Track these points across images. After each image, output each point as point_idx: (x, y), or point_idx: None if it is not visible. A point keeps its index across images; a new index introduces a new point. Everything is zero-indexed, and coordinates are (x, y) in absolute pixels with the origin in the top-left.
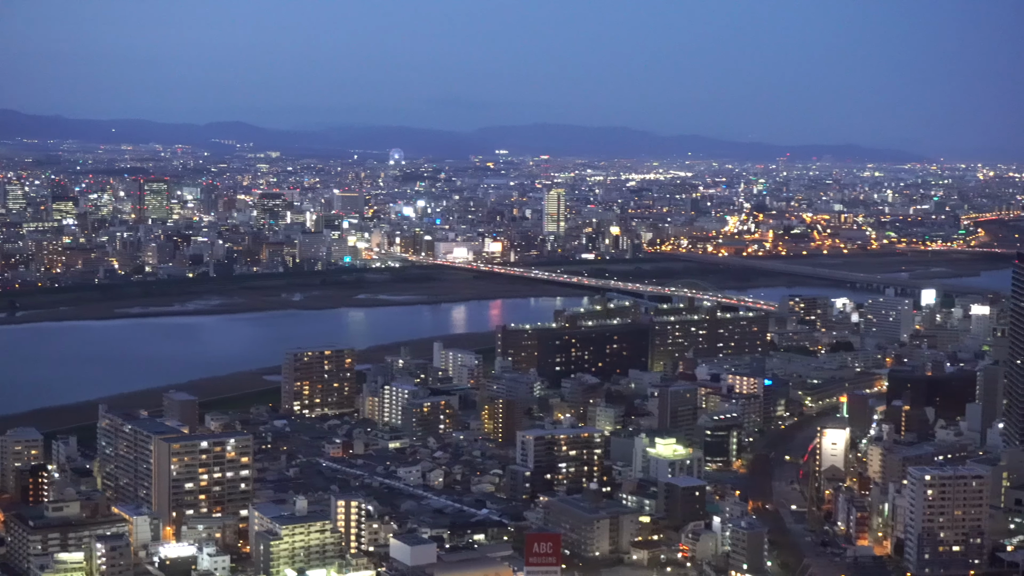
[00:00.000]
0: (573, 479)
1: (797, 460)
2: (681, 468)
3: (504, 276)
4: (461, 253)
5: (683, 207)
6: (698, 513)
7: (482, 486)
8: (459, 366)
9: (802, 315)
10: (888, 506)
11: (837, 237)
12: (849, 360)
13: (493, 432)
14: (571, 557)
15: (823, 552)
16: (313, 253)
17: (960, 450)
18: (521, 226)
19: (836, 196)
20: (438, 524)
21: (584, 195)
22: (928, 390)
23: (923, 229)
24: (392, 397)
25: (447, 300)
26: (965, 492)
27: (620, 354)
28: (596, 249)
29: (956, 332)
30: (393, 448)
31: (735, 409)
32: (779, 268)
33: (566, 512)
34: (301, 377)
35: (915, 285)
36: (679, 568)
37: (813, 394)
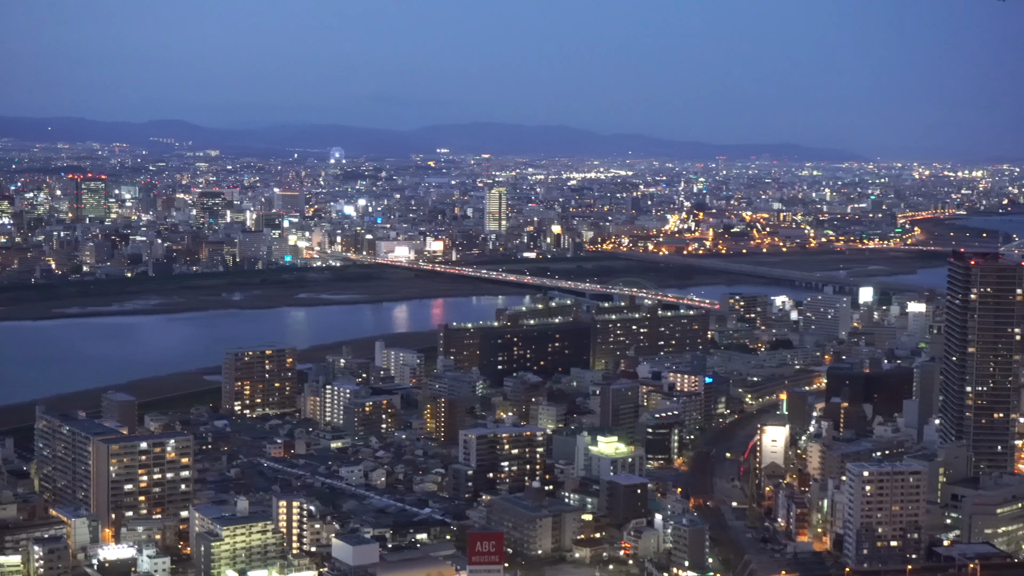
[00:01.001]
0: (515, 478)
1: (738, 457)
2: (623, 466)
3: (446, 275)
4: (402, 252)
5: (624, 206)
6: (640, 511)
7: (424, 485)
8: (401, 365)
9: (742, 313)
10: (827, 502)
11: (776, 235)
12: (788, 358)
13: (435, 431)
14: (514, 556)
15: (763, 548)
16: (253, 252)
17: (897, 446)
18: (462, 225)
19: (775, 195)
20: (380, 524)
21: (525, 194)
22: (866, 387)
23: (861, 227)
24: (334, 397)
25: (388, 299)
26: (902, 488)
27: (562, 353)
28: (538, 248)
29: (893, 329)
30: (335, 448)
31: (676, 407)
32: (719, 266)
33: (509, 511)
34: (242, 377)
35: (853, 283)
36: (621, 566)
37: (753, 391)
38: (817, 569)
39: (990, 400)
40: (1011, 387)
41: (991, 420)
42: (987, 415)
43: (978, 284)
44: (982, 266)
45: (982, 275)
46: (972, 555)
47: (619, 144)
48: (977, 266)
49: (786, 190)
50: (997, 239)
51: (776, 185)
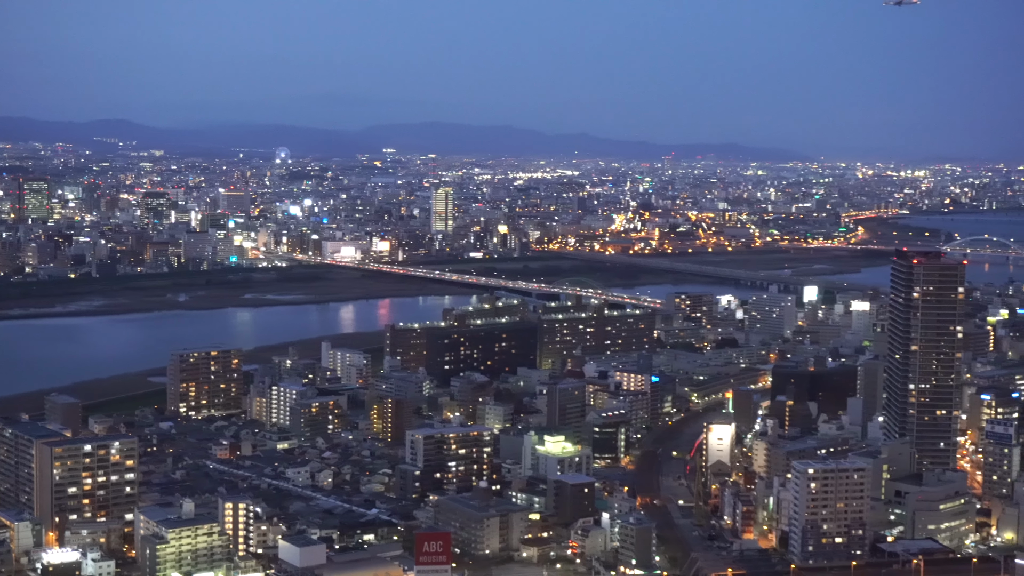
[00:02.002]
0: (463, 478)
1: (684, 455)
2: (570, 465)
3: (392, 275)
4: (349, 252)
5: (570, 206)
6: (587, 510)
7: (371, 486)
8: (347, 366)
9: (688, 312)
10: (773, 499)
11: (722, 235)
12: (734, 356)
13: (382, 432)
14: (461, 555)
15: (710, 546)
16: (198, 253)
17: (842, 443)
18: (409, 225)
19: (720, 194)
20: (327, 525)
21: (472, 194)
22: (811, 385)
23: (805, 227)
24: (280, 397)
25: (335, 299)
26: (847, 485)
27: (509, 352)
28: (484, 248)
29: (837, 328)
30: (281, 449)
31: (623, 406)
32: (665, 266)
33: (456, 511)
34: (187, 378)
35: (797, 282)
36: (569, 564)
37: (699, 390)
38: (763, 566)
39: (933, 397)
40: (953, 384)
41: (934, 417)
42: (930, 412)
43: (921, 283)
44: (925, 265)
45: (925, 274)
46: (916, 551)
47: (565, 144)
48: (920, 265)
49: (731, 190)
50: (939, 238)
51: (721, 185)
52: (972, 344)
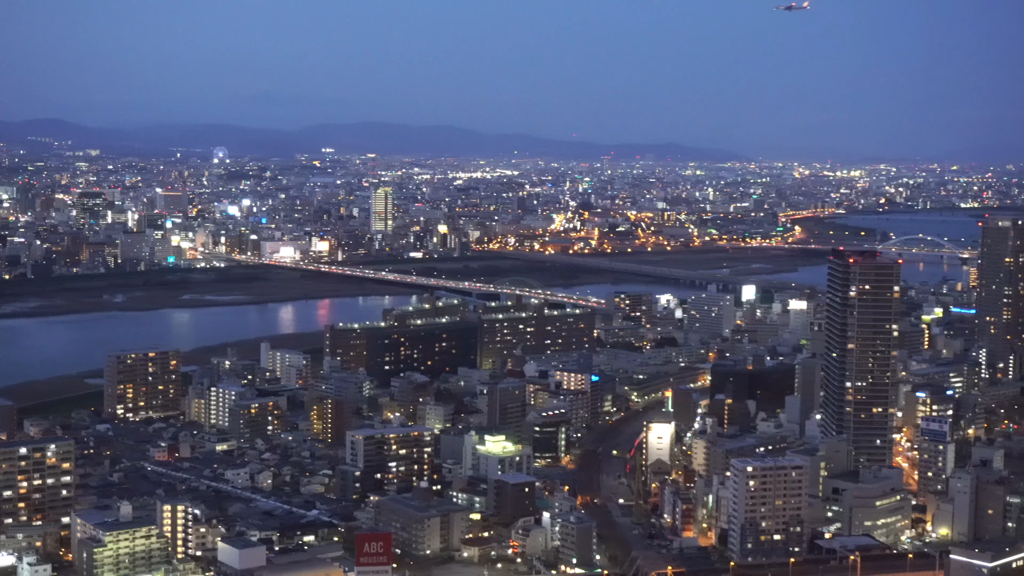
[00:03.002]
0: (403, 478)
1: (624, 454)
2: (511, 465)
3: (332, 275)
4: (288, 252)
5: (510, 205)
6: (528, 509)
7: (311, 487)
8: (287, 366)
9: (627, 311)
10: (712, 497)
11: (661, 234)
12: (673, 355)
13: (322, 432)
14: (402, 556)
15: (650, 544)
16: (136, 253)
17: (780, 441)
18: (348, 225)
19: (659, 194)
20: (267, 526)
21: (411, 194)
22: (749, 383)
23: (743, 226)
24: (219, 399)
25: (274, 300)
26: (785, 482)
27: (449, 352)
28: (424, 248)
29: (775, 326)
30: (220, 450)
31: (563, 405)
32: (605, 265)
33: (396, 511)
34: (124, 380)
35: (736, 281)
36: (510, 564)
37: (639, 389)
38: (703, 564)
39: (869, 395)
40: (889, 382)
41: (870, 415)
42: (866, 410)
43: (857, 281)
44: (861, 264)
45: (861, 273)
46: (853, 547)
47: (505, 144)
48: (856, 264)
49: (670, 189)
50: (875, 238)
51: (660, 185)
52: (907, 342)
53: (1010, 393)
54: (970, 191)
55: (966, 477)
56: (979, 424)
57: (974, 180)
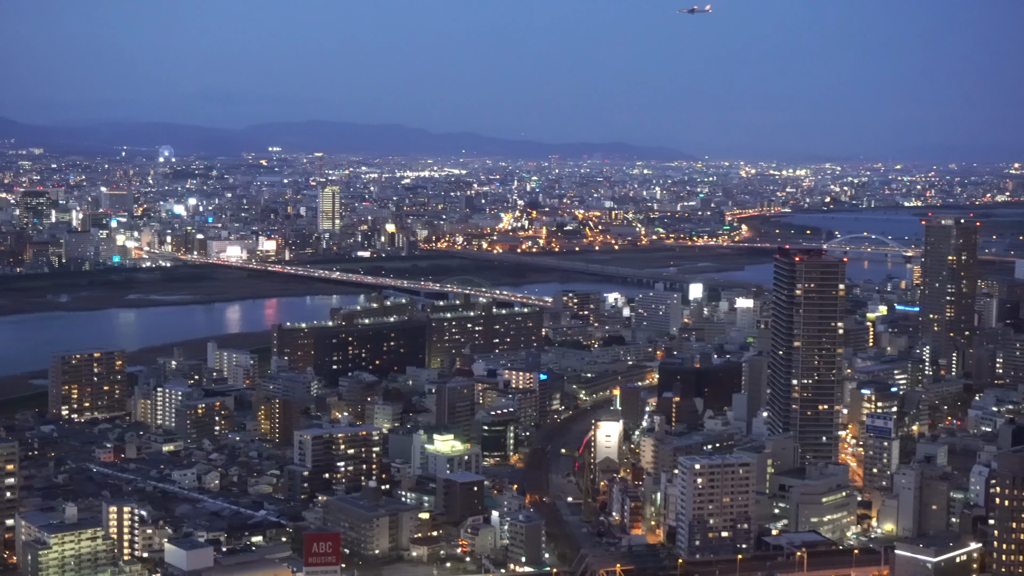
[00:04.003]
0: (352, 478)
1: (573, 453)
2: (459, 464)
3: (279, 275)
4: (235, 252)
5: (458, 204)
6: (477, 508)
7: (259, 487)
8: (234, 366)
9: (575, 310)
10: (660, 495)
11: (608, 233)
12: (621, 353)
13: (270, 432)
14: (351, 556)
15: (599, 542)
16: (80, 253)
17: (727, 439)
18: (296, 224)
19: (607, 193)
20: (214, 527)
21: (359, 192)
22: (697, 381)
23: (690, 225)
24: (165, 399)
25: (221, 300)
26: (732, 480)
27: (397, 351)
28: (372, 247)
29: (722, 325)
30: (167, 451)
31: (511, 404)
32: (552, 264)
33: (345, 511)
34: (69, 380)
35: (683, 280)
36: (459, 563)
37: (587, 388)
38: (651, 561)
39: (815, 393)
40: (835, 380)
41: (816, 412)
42: (812, 407)
43: (803, 280)
44: (806, 262)
45: (806, 271)
46: (799, 543)
47: (452, 143)
48: (801, 262)
49: (617, 188)
50: (820, 236)
51: (608, 184)
52: (852, 340)
53: (953, 390)
54: (913, 190)
55: (910, 473)
56: (923, 420)
57: (917, 179)
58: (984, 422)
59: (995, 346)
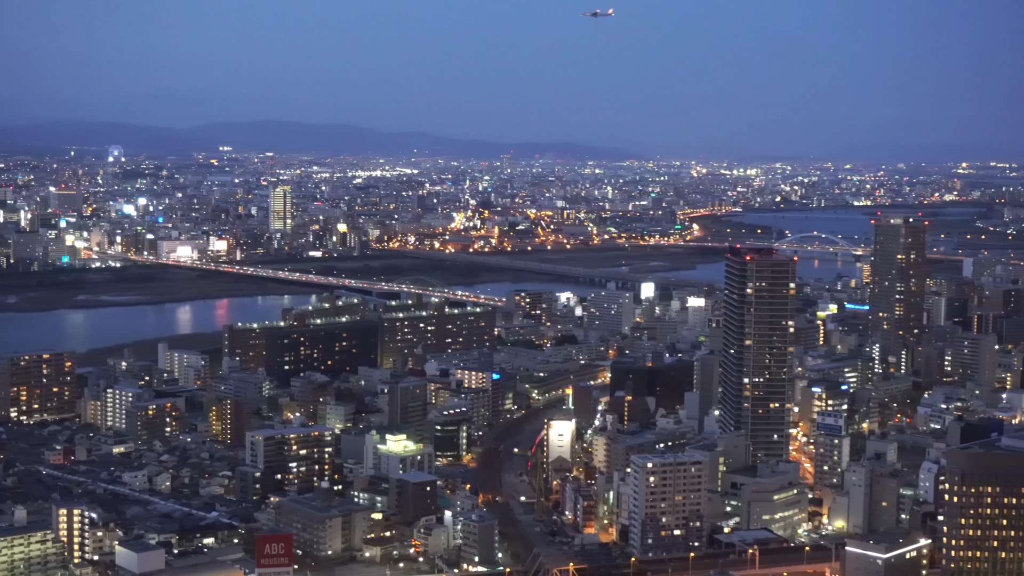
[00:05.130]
0: (304, 478)
1: (525, 452)
2: (412, 464)
3: (230, 275)
4: (185, 252)
5: (410, 204)
6: (430, 508)
7: (211, 489)
8: (185, 367)
9: (528, 310)
10: (613, 494)
11: (560, 233)
12: (574, 353)
13: (221, 433)
14: (303, 557)
15: (552, 541)
16: (29, 253)
17: (679, 437)
18: (247, 224)
19: (559, 193)
20: (166, 529)
21: (310, 192)
22: (649, 380)
23: (642, 224)
24: (115, 400)
25: (171, 300)
26: (684, 478)
27: (349, 352)
28: (324, 247)
29: (674, 324)
30: (117, 453)
31: (464, 404)
32: (505, 264)
33: (297, 512)
34: (18, 382)
35: (635, 279)
36: (412, 563)
37: (540, 387)
38: (604, 560)
39: (766, 391)
40: (786, 378)
41: (767, 410)
42: (763, 405)
43: (754, 279)
44: (757, 261)
45: (757, 270)
46: (751, 541)
47: (404, 142)
48: (752, 261)
49: (569, 188)
50: (771, 235)
51: (560, 183)
52: (803, 338)
53: (903, 387)
54: (863, 189)
55: (861, 470)
56: (873, 418)
57: (867, 178)
58: (933, 419)
59: (944, 344)
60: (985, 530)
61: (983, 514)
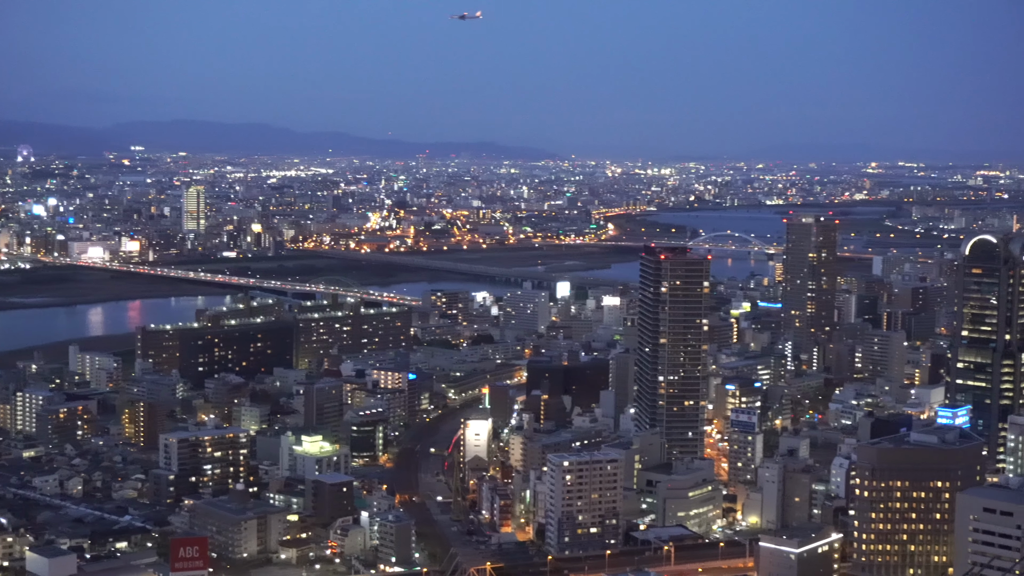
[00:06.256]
0: (219, 480)
1: (442, 452)
2: (328, 465)
3: (143, 276)
4: (97, 253)
5: (325, 204)
6: (346, 509)
7: (124, 492)
8: (97, 369)
9: (444, 309)
10: (530, 493)
11: (476, 232)
12: (490, 352)
13: (134, 436)
14: (218, 560)
15: (469, 541)
16: None
17: (595, 436)
18: (160, 224)
19: (475, 192)
20: (78, 534)
21: (224, 192)
22: (565, 379)
23: (557, 224)
24: (25, 404)
25: (83, 302)
26: (601, 476)
27: (264, 352)
28: (238, 247)
29: (590, 322)
30: (28, 457)
31: (380, 404)
32: (421, 264)
33: (212, 514)
34: None
35: (551, 278)
36: (328, 565)
37: (456, 386)
38: (521, 558)
39: (681, 389)
40: (700, 376)
41: (682, 408)
42: (678, 403)
43: (668, 277)
44: (671, 260)
45: (671, 269)
46: (667, 537)
47: (319, 142)
48: (667, 260)
49: (485, 188)
50: (685, 234)
51: (475, 183)
52: (717, 336)
53: (814, 384)
54: (775, 189)
55: (774, 466)
56: (786, 415)
57: (779, 178)
58: (844, 415)
59: (854, 341)
60: (895, 523)
61: (893, 508)
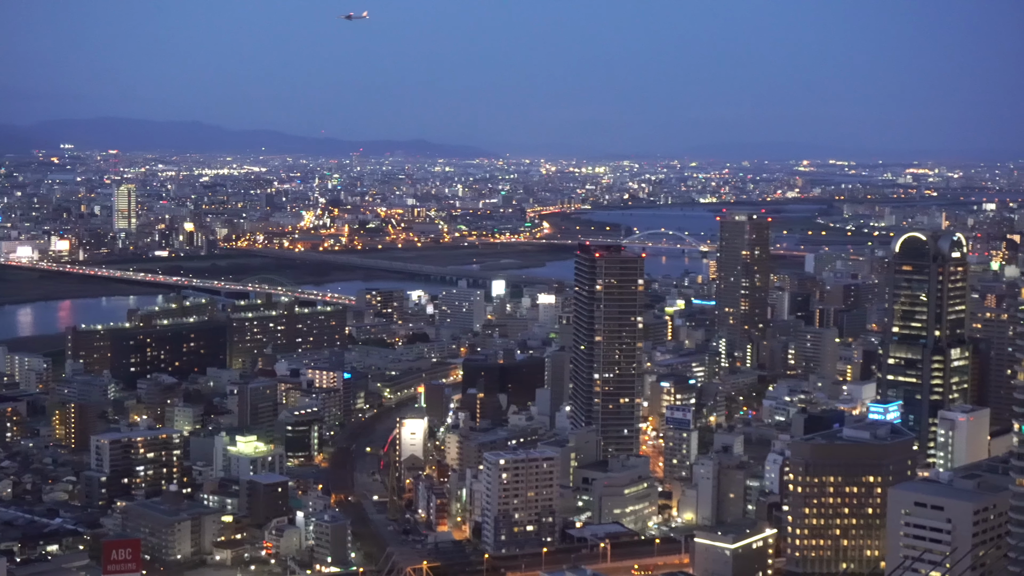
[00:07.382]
0: (152, 482)
1: (378, 451)
2: (263, 465)
3: (73, 275)
4: (25, 252)
5: (258, 203)
6: (281, 509)
7: (55, 494)
8: (26, 370)
9: (379, 308)
10: (466, 491)
11: (411, 231)
12: (425, 351)
13: (65, 438)
14: (152, 562)
15: (405, 540)
16: None
17: (531, 434)
18: (90, 223)
19: (409, 191)
20: (7, 537)
21: (156, 191)
22: (501, 377)
23: (492, 222)
24: None
25: (11, 302)
26: (537, 474)
27: (198, 352)
28: (170, 246)
29: (525, 321)
30: None
31: (315, 403)
32: (355, 262)
33: (145, 516)
34: None
35: (486, 276)
36: (263, 565)
37: (392, 385)
38: (457, 557)
39: (616, 386)
40: (635, 373)
41: (617, 405)
42: (613, 400)
43: (603, 275)
44: (606, 258)
45: (606, 267)
46: (603, 535)
47: (252, 140)
48: (601, 258)
49: (420, 186)
50: (619, 232)
51: (410, 181)
52: (652, 334)
53: (748, 381)
54: (708, 187)
55: (708, 463)
56: (720, 411)
57: (712, 176)
58: (778, 412)
59: (787, 338)
60: (828, 519)
61: (826, 503)
